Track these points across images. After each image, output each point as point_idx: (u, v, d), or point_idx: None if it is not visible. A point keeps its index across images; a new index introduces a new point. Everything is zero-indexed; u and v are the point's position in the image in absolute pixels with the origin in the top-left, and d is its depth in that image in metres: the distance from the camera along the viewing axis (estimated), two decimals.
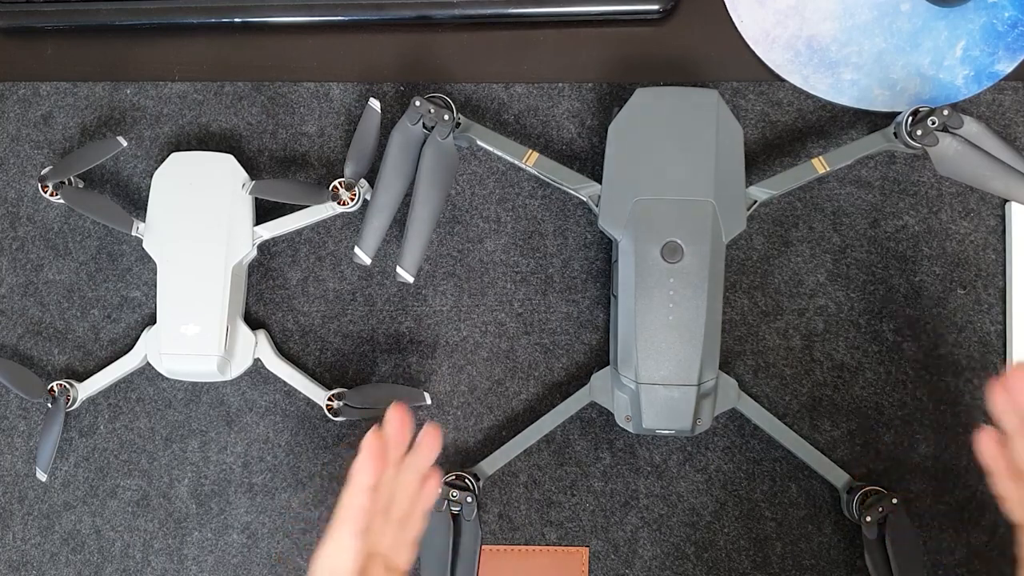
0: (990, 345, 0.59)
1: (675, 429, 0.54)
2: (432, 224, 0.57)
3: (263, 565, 0.61)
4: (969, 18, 0.61)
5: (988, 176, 0.54)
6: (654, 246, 0.53)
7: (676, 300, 0.53)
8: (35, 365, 0.63)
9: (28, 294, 0.64)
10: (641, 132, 0.55)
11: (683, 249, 0.53)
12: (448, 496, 0.56)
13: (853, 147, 0.56)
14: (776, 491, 0.59)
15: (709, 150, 0.54)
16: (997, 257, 0.60)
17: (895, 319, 0.60)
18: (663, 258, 0.53)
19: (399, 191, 0.57)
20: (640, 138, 0.55)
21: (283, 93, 0.64)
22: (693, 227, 0.53)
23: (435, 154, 0.57)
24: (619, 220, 0.54)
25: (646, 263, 0.53)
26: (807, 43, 0.61)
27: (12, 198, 0.64)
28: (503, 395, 0.61)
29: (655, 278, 0.53)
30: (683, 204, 0.53)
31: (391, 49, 0.64)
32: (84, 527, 0.62)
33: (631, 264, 0.53)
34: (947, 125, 0.55)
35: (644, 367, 0.53)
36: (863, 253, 0.60)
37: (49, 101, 0.65)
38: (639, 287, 0.53)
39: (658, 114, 0.55)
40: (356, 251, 0.57)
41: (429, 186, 0.57)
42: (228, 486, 0.61)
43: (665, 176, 0.54)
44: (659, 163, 0.54)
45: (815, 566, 0.59)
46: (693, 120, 0.54)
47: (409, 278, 0.57)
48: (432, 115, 0.57)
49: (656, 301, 0.53)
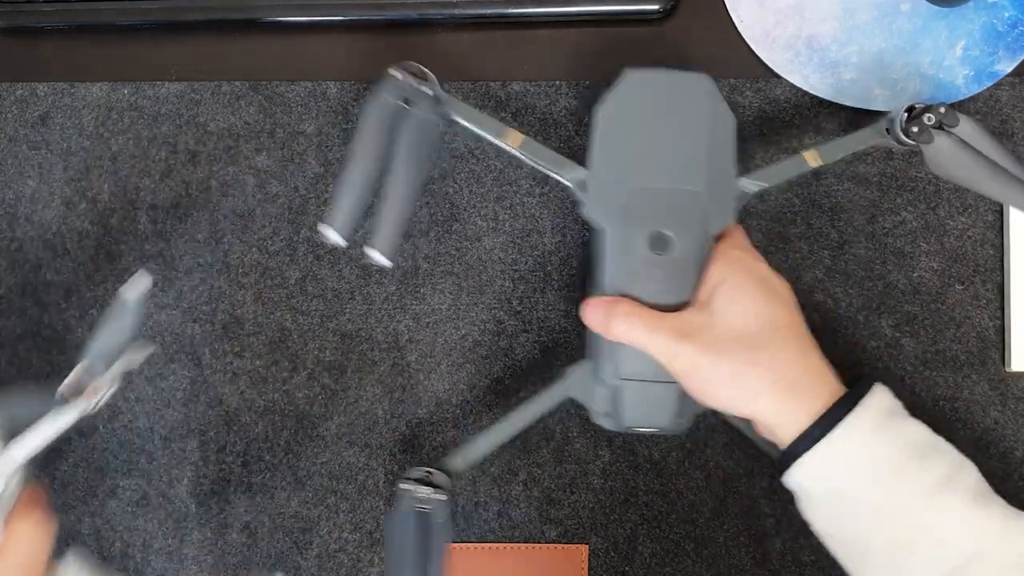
0: (988, 340, 0.59)
1: (656, 427, 0.52)
2: (410, 204, 0.53)
3: (263, 565, 0.61)
4: (969, 18, 0.61)
5: (981, 177, 0.54)
6: (642, 236, 0.51)
7: (663, 292, 0.50)
8: (34, 366, 0.63)
9: (27, 295, 0.63)
10: (630, 116, 0.52)
11: (671, 240, 0.50)
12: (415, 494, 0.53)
13: (846, 141, 0.55)
14: (775, 487, 0.59)
15: (701, 138, 0.52)
16: (995, 252, 0.60)
17: (893, 315, 0.60)
18: (650, 249, 0.51)
19: (373, 169, 0.53)
20: (629, 122, 0.52)
21: (280, 92, 0.64)
22: (682, 218, 0.51)
23: (414, 129, 0.54)
24: (605, 208, 0.52)
25: (633, 254, 0.51)
26: (807, 43, 0.61)
27: (10, 199, 0.64)
28: (502, 393, 0.61)
29: (644, 269, 0.50)
30: (673, 194, 0.51)
31: (389, 48, 0.64)
32: (83, 527, 0.62)
33: (617, 254, 0.51)
34: (943, 123, 0.54)
35: (627, 363, 0.51)
36: (861, 249, 0.60)
37: (47, 102, 0.65)
38: (624, 278, 0.51)
39: (648, 98, 0.53)
40: (321, 227, 0.53)
41: (406, 163, 0.53)
42: (228, 485, 0.61)
43: (654, 164, 0.52)
44: (649, 150, 0.52)
45: (815, 562, 0.59)
46: (685, 106, 0.52)
47: (384, 261, 0.52)
48: (411, 89, 0.54)
49: (642, 293, 0.50)
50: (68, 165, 0.64)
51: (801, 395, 0.47)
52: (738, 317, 0.48)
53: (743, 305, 0.48)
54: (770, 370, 0.47)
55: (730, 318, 0.48)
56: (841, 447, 0.46)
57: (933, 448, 0.46)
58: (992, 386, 0.59)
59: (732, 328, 0.48)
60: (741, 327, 0.48)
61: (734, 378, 0.47)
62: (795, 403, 0.47)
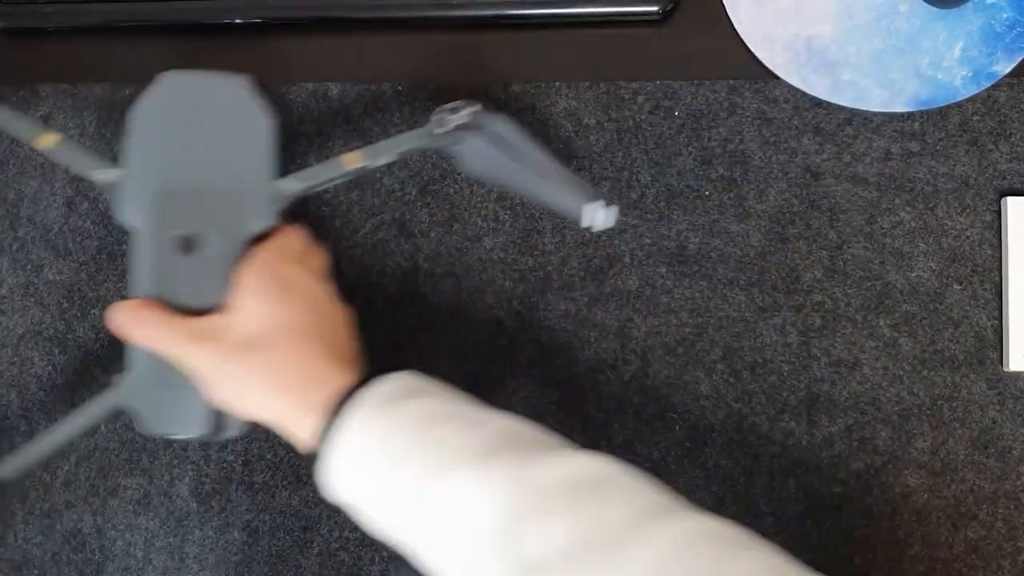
0: (986, 340, 0.60)
1: (189, 433, 0.52)
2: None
3: (264, 563, 0.61)
4: (968, 19, 0.61)
5: (512, 176, 0.54)
6: (170, 238, 0.51)
7: (192, 295, 0.50)
8: (35, 366, 0.63)
9: (28, 295, 0.64)
10: (163, 118, 0.53)
11: (200, 242, 0.51)
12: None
13: (389, 143, 0.55)
14: (774, 486, 0.59)
15: (232, 139, 0.52)
16: (993, 252, 0.60)
17: (892, 315, 0.60)
18: (179, 251, 0.51)
19: None
20: (163, 124, 0.53)
21: (280, 93, 0.64)
22: (211, 219, 0.51)
23: None
24: (136, 210, 0.52)
25: (162, 255, 0.51)
26: (806, 44, 0.61)
27: (12, 199, 0.64)
28: (502, 393, 0.61)
29: (171, 271, 0.51)
30: (202, 194, 0.52)
31: (389, 49, 0.64)
32: (85, 526, 0.62)
33: (147, 256, 0.51)
34: (473, 123, 0.54)
35: (155, 368, 0.51)
36: (859, 249, 0.61)
37: (48, 103, 0.65)
38: (154, 281, 0.51)
39: (183, 99, 0.53)
40: None
41: None
42: (229, 484, 0.61)
43: (185, 164, 0.52)
44: (179, 151, 0.52)
45: (813, 561, 0.59)
46: (218, 107, 0.53)
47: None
48: None
49: (171, 296, 0.50)
50: None
51: (293, 399, 0.47)
52: (249, 319, 0.49)
53: (255, 307, 0.49)
54: (268, 374, 0.47)
55: (243, 321, 0.49)
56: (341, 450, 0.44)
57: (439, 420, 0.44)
58: (990, 386, 0.59)
59: (242, 331, 0.48)
60: (251, 329, 0.48)
61: (236, 381, 0.48)
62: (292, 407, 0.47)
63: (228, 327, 0.49)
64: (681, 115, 0.62)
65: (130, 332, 0.50)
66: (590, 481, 0.42)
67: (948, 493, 0.59)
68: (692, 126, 0.62)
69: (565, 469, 0.42)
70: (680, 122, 0.62)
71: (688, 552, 0.39)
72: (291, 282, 0.50)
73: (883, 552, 0.59)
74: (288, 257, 0.52)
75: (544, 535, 0.40)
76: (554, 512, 0.40)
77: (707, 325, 0.61)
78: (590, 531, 0.40)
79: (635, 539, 0.39)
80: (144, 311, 0.50)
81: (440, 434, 0.44)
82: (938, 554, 0.58)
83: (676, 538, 0.40)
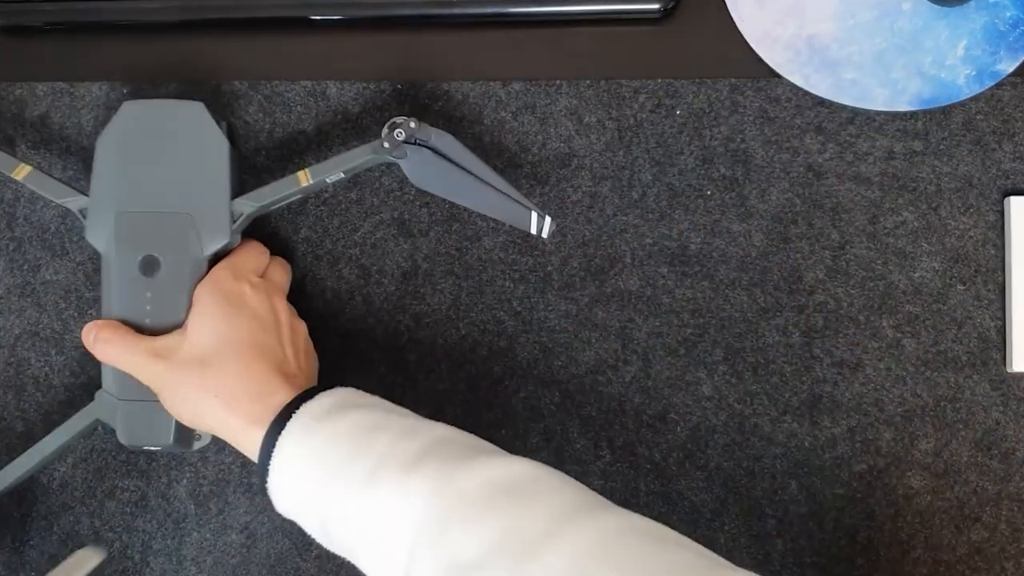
0: (990, 340, 0.59)
1: (160, 445, 0.55)
2: None
3: (262, 565, 0.60)
4: (970, 18, 0.61)
5: (455, 188, 0.57)
6: (133, 260, 0.55)
7: (153, 315, 0.54)
8: (32, 366, 0.63)
9: (25, 295, 0.63)
10: (127, 145, 0.56)
11: (160, 263, 0.55)
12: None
13: (341, 159, 0.57)
14: (776, 488, 0.59)
15: (190, 163, 0.56)
16: (996, 253, 0.60)
17: (894, 315, 0.60)
18: (141, 272, 0.55)
19: None
20: (126, 151, 0.56)
21: (279, 92, 0.64)
22: (171, 241, 0.55)
23: None
24: (101, 233, 0.56)
25: (126, 277, 0.55)
26: (808, 43, 0.61)
27: (8, 199, 0.64)
28: (502, 393, 0.61)
29: (134, 292, 0.54)
30: (162, 217, 0.55)
31: (388, 47, 0.64)
32: (82, 528, 0.62)
33: (113, 278, 0.55)
34: (416, 137, 0.56)
35: (122, 384, 0.55)
36: (862, 249, 0.60)
37: (46, 102, 0.65)
38: (118, 302, 0.55)
39: (144, 127, 0.57)
40: None
41: None
42: (227, 486, 0.61)
43: (146, 189, 0.56)
44: (140, 176, 0.56)
45: (816, 563, 0.58)
46: (176, 133, 0.56)
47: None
48: None
49: (135, 316, 0.54)
50: (67, 165, 0.64)
51: (240, 413, 0.49)
52: (200, 337, 0.52)
53: (207, 324, 0.52)
54: (215, 389, 0.50)
55: (194, 338, 0.52)
56: (278, 464, 0.47)
57: (371, 431, 0.46)
58: (993, 386, 0.59)
59: (193, 349, 0.52)
60: (201, 347, 0.51)
61: (188, 396, 0.51)
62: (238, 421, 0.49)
63: (181, 345, 0.52)
64: (683, 114, 0.62)
65: (96, 350, 0.54)
66: (511, 485, 0.43)
67: (951, 495, 0.58)
68: (694, 125, 0.62)
69: (487, 474, 0.43)
70: (681, 121, 0.62)
71: (606, 550, 0.40)
72: (241, 299, 0.53)
73: (886, 554, 0.58)
74: (240, 274, 0.55)
75: (467, 540, 0.41)
76: (474, 518, 0.42)
77: (709, 325, 0.60)
78: (510, 534, 0.41)
79: (554, 540, 0.40)
80: (106, 331, 0.54)
81: (370, 445, 0.45)
82: (941, 556, 0.58)
83: (594, 536, 0.41)
